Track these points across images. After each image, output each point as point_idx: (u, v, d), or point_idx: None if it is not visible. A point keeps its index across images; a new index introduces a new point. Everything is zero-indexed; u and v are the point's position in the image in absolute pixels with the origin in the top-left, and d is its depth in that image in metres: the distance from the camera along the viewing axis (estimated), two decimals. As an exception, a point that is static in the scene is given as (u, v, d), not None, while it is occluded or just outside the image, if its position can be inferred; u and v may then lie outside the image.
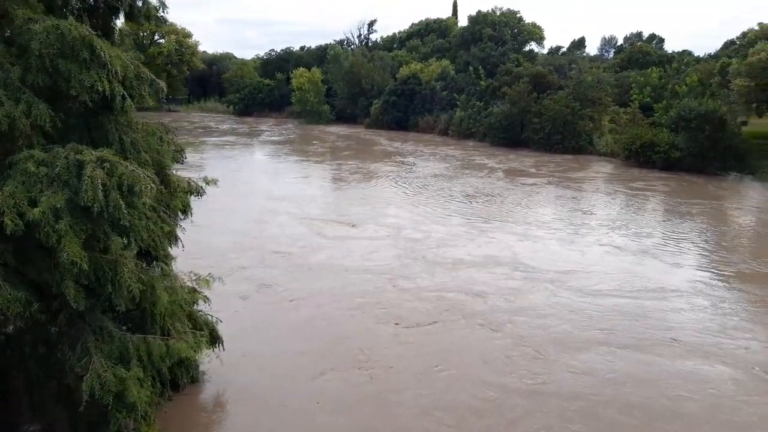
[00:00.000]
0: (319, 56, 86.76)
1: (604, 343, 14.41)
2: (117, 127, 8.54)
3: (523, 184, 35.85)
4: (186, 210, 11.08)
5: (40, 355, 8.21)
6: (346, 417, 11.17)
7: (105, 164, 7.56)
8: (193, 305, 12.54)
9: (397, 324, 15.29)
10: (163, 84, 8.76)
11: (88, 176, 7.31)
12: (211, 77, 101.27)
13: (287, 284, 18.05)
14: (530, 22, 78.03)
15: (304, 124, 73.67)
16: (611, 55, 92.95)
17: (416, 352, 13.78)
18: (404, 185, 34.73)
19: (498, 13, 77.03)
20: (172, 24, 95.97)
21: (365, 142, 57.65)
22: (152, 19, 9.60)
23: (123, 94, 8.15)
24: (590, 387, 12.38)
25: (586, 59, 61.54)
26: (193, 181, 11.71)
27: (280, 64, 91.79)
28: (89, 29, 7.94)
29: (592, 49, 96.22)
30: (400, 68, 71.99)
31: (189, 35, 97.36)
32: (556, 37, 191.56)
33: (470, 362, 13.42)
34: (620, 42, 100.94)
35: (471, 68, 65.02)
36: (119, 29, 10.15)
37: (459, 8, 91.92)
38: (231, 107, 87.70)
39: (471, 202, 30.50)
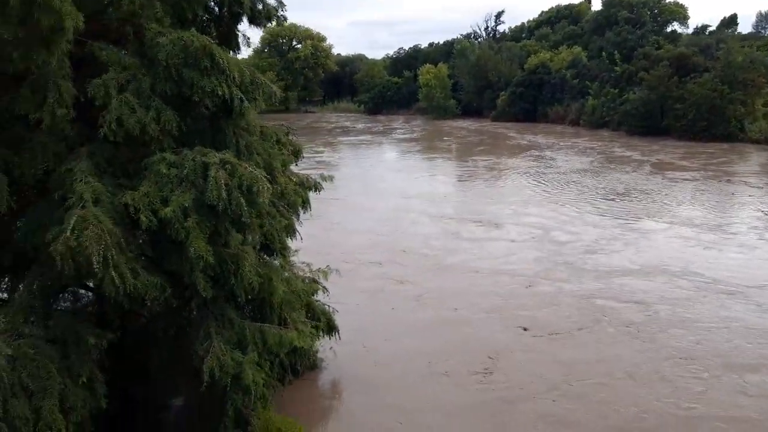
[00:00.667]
0: (446, 51, 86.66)
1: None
2: (235, 131, 9.16)
3: (678, 179, 32.97)
4: (306, 204, 11.70)
5: (170, 337, 9.04)
6: (458, 422, 10.94)
7: (227, 166, 8.15)
8: (312, 295, 13.22)
9: (527, 329, 14.56)
10: (276, 89, 9.27)
11: (213, 177, 7.92)
12: (343, 78, 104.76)
13: (418, 282, 18.09)
14: (672, 0, 72.49)
15: (431, 120, 73.99)
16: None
17: (551, 360, 12.94)
18: (545, 182, 33.21)
19: (636, -6, 72.33)
20: (307, 29, 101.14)
21: (496, 135, 56.53)
22: (273, 19, 10.17)
23: (240, 98, 8.73)
24: (763, 412, 10.80)
25: (737, 37, 55.87)
26: (312, 178, 12.35)
27: (409, 61, 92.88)
28: (209, 39, 8.59)
29: (746, 26, 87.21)
30: (528, 58, 69.98)
31: (323, 39, 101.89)
32: (704, 14, 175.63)
33: (612, 376, 12.24)
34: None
35: (605, 54, 61.69)
36: (242, 34, 10.84)
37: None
38: (362, 106, 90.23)
39: (623, 201, 28.38)
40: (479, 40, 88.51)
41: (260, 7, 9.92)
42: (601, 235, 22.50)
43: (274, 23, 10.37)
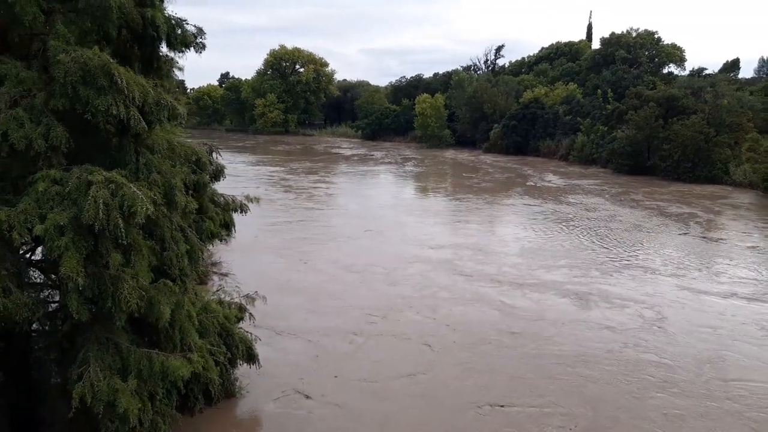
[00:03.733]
0: (445, 82, 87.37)
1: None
2: (137, 149, 9.06)
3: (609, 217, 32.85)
4: (229, 227, 11.57)
5: (51, 359, 8.81)
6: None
7: (111, 185, 8.03)
8: (237, 322, 13.01)
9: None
10: (183, 110, 9.16)
11: (92, 196, 7.80)
12: (345, 103, 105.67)
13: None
14: (670, 42, 73.33)
15: (424, 149, 74.20)
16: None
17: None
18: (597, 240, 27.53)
19: (634, 35, 73.10)
20: (310, 54, 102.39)
21: (504, 170, 55.32)
22: (191, 45, 10.13)
23: (138, 118, 8.64)
24: None
25: (727, 80, 56.15)
26: (238, 199, 12.23)
27: (409, 90, 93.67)
28: (109, 58, 8.53)
29: (747, 71, 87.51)
30: (525, 92, 70.47)
31: (326, 64, 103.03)
32: (708, 58, 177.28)
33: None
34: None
35: (599, 91, 62.07)
36: (167, 56, 10.79)
37: (595, 30, 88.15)
38: (359, 132, 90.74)
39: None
40: (478, 72, 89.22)
41: (178, 32, 9.86)
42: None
43: (192, 50, 10.27)
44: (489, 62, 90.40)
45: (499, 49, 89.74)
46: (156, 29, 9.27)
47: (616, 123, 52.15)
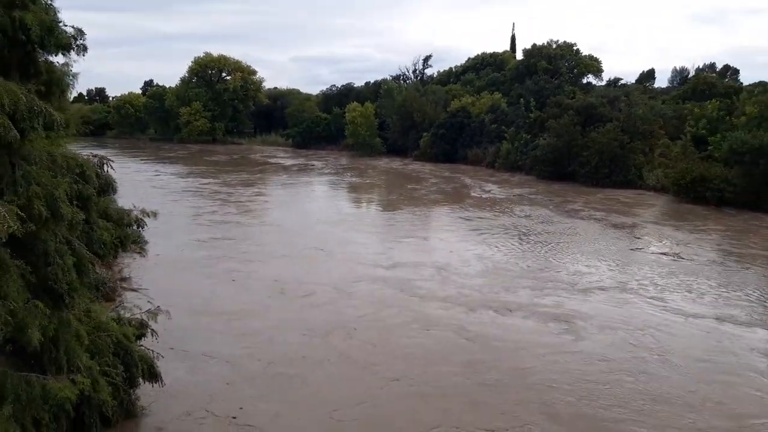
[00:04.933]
0: (375, 91, 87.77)
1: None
2: (11, 161, 8.47)
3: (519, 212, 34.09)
4: (123, 241, 11.01)
5: None
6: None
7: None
8: (139, 339, 12.42)
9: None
10: (59, 117, 8.65)
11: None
12: (275, 111, 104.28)
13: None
14: (587, 54, 76.51)
15: (356, 157, 74.25)
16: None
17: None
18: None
19: (554, 46, 75.79)
20: (237, 61, 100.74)
21: (445, 180, 56.48)
22: (70, 48, 9.58)
23: (10, 127, 8.07)
24: None
25: (637, 91, 59.11)
26: (134, 213, 11.67)
27: (340, 99, 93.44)
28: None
29: (662, 81, 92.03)
30: (452, 102, 71.68)
31: (253, 72, 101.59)
32: (628, 67, 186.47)
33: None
34: (692, 73, 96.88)
35: (522, 101, 63.87)
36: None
37: (519, 43, 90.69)
38: (290, 140, 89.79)
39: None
40: (408, 81, 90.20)
41: (54, 34, 9.27)
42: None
43: (73, 53, 9.71)
44: (417, 72, 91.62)
45: (426, 59, 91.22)
46: (27, 32, 8.68)
47: (538, 131, 53.82)
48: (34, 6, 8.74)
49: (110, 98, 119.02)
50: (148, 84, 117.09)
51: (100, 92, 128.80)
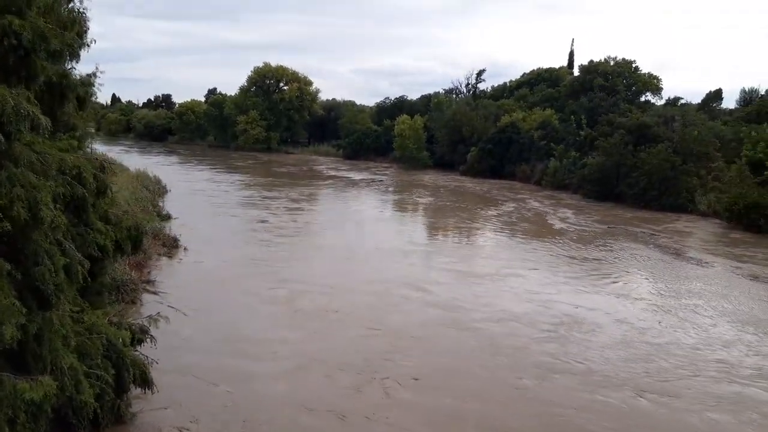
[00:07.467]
0: (428, 104, 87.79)
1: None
2: (-1, 162, 8.80)
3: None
4: (123, 246, 11.26)
5: None
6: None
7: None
8: (137, 344, 12.65)
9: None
10: (45, 120, 8.91)
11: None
12: (329, 122, 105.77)
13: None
14: (647, 72, 74.27)
15: (402, 171, 74.22)
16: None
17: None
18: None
19: (612, 63, 73.95)
20: (294, 72, 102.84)
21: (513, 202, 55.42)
22: (62, 55, 9.86)
23: (-5, 129, 8.38)
24: None
25: (693, 110, 56.81)
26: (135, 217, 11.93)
27: (393, 111, 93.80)
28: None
29: (730, 102, 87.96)
30: (503, 117, 70.83)
31: (310, 83, 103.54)
32: (696, 86, 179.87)
33: None
34: (762, 94, 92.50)
35: (573, 118, 62.49)
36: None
37: (576, 58, 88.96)
38: (340, 150, 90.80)
39: None
40: (460, 95, 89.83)
41: (51, 40, 9.59)
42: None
43: (75, 62, 10.05)
44: (470, 86, 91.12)
45: (480, 73, 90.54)
46: (18, 36, 8.97)
47: (588, 149, 52.42)
48: (30, 12, 9.02)
49: (175, 105, 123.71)
50: (212, 92, 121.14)
51: (167, 99, 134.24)
